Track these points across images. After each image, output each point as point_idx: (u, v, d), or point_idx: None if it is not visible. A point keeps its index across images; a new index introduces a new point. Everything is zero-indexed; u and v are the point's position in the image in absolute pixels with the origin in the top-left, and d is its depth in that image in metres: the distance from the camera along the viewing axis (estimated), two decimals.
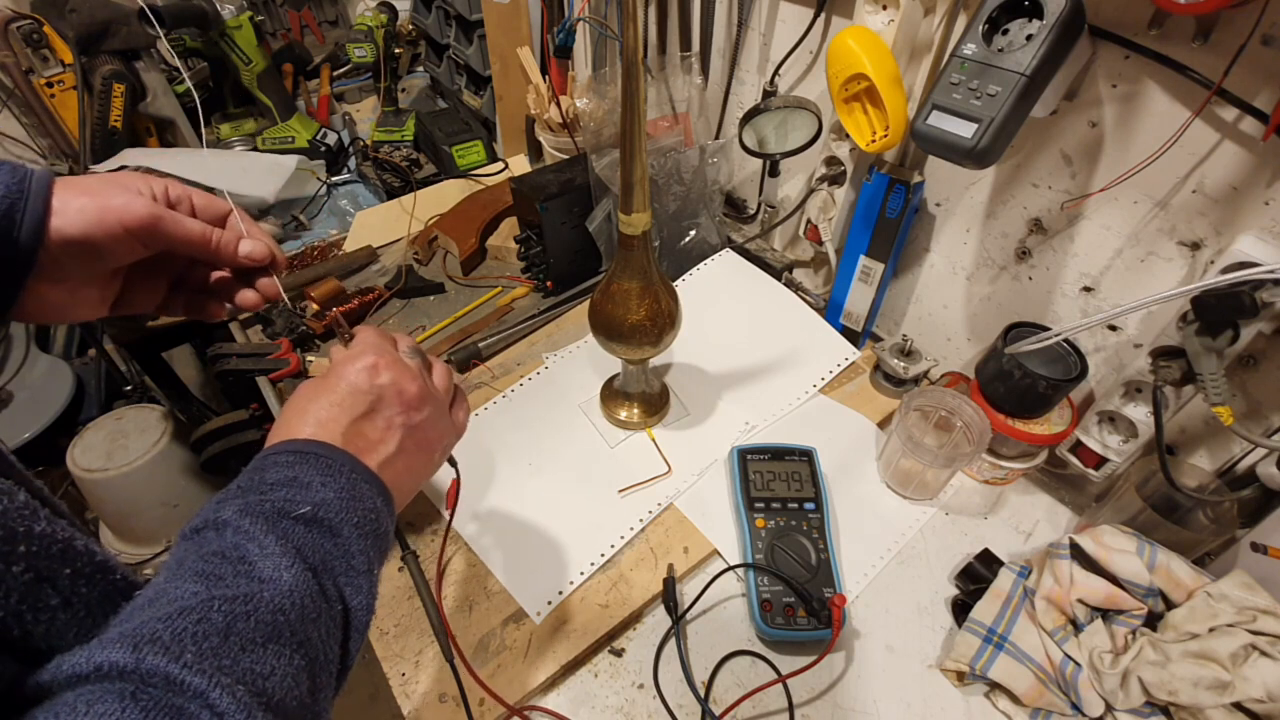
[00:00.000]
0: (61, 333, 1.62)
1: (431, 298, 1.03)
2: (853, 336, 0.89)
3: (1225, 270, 0.53)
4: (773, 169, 0.87)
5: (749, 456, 0.73)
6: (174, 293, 0.46)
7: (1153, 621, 0.59)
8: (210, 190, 0.46)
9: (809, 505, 0.69)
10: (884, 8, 0.66)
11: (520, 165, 1.31)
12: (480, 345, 0.89)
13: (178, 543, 0.31)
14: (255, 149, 1.36)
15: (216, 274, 0.46)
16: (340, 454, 0.36)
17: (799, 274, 1.01)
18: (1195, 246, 0.59)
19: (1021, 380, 0.66)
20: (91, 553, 0.29)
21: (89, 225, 0.37)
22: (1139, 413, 0.64)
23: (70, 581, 0.27)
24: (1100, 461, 0.69)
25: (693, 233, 0.98)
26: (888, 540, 0.71)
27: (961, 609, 0.63)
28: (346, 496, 0.34)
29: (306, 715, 0.28)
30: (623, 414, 0.80)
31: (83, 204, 0.37)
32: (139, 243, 0.39)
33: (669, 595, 0.65)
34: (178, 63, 1.31)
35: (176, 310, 0.46)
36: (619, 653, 0.63)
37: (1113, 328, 0.67)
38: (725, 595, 0.66)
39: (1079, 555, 0.60)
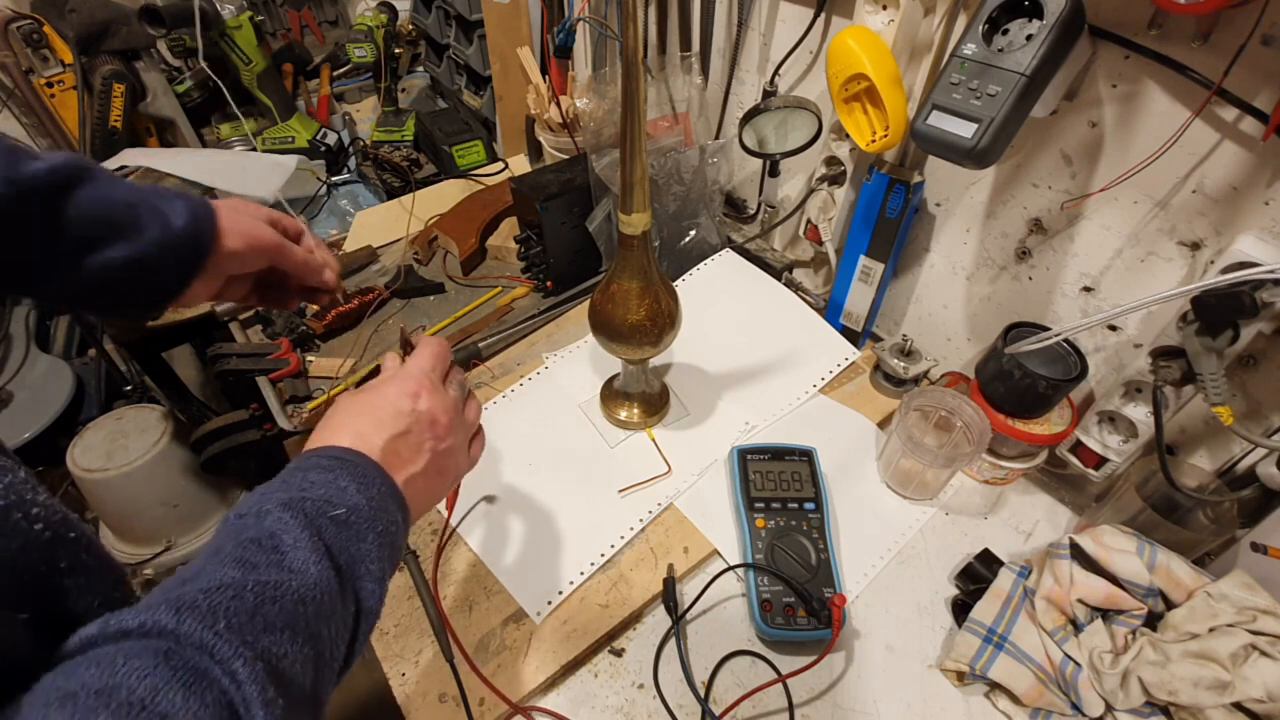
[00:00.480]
0: (61, 333, 1.62)
1: (431, 298, 1.03)
2: (853, 336, 0.89)
3: (1225, 270, 0.53)
4: (773, 169, 0.87)
5: (749, 456, 0.73)
6: (253, 288, 0.58)
7: (1153, 621, 0.59)
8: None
9: (809, 505, 0.69)
10: (884, 8, 0.66)
11: (520, 165, 1.31)
12: (480, 345, 0.89)
13: (220, 526, 0.34)
14: (255, 149, 1.36)
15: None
16: (375, 467, 0.39)
17: (799, 274, 1.01)
18: (1195, 246, 0.59)
19: (1021, 380, 0.66)
20: (81, 525, 0.31)
21: (241, 246, 0.50)
22: (1139, 413, 0.64)
23: (74, 546, 0.30)
24: (1100, 461, 0.69)
25: (693, 233, 0.98)
26: (888, 540, 0.71)
27: (961, 609, 0.63)
28: (376, 506, 0.37)
29: (307, 704, 0.29)
30: (623, 414, 0.80)
31: (234, 227, 0.49)
32: (264, 260, 0.52)
33: (669, 595, 0.65)
34: (200, 53, 1.29)
35: (253, 301, 0.58)
36: (619, 653, 0.63)
37: (1113, 328, 0.67)
38: (725, 595, 0.66)
39: (1079, 555, 0.60)
